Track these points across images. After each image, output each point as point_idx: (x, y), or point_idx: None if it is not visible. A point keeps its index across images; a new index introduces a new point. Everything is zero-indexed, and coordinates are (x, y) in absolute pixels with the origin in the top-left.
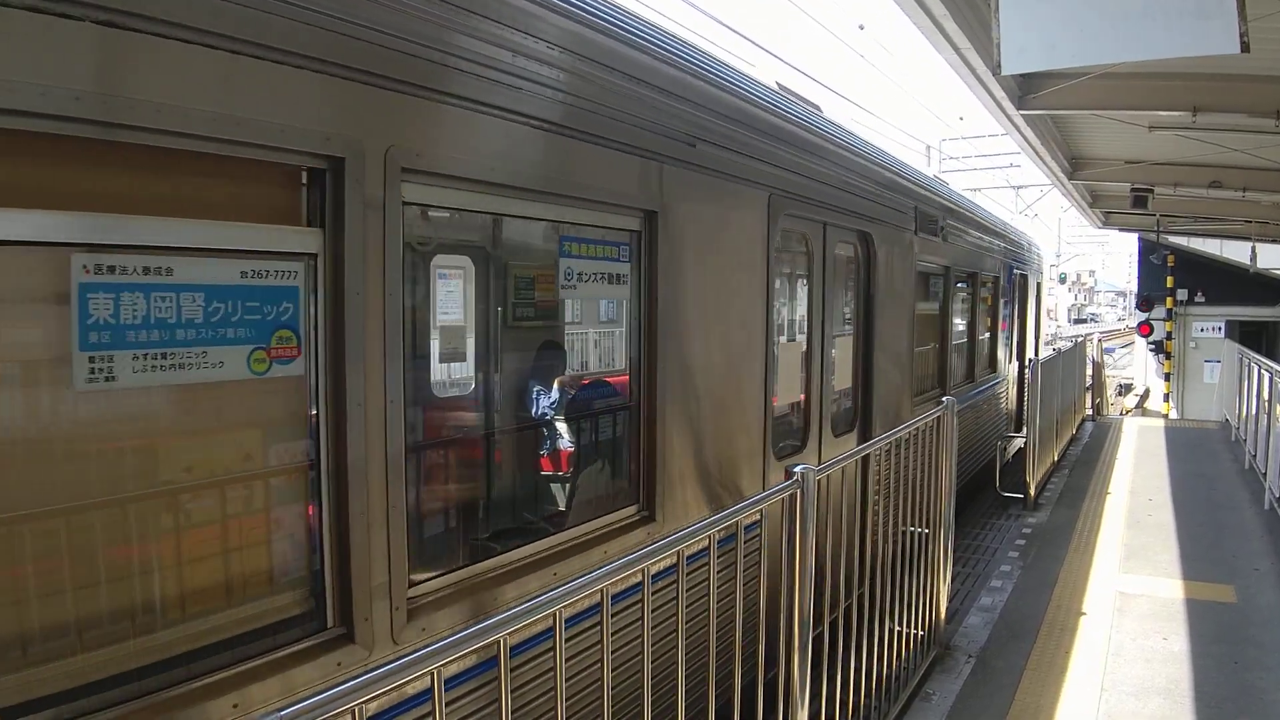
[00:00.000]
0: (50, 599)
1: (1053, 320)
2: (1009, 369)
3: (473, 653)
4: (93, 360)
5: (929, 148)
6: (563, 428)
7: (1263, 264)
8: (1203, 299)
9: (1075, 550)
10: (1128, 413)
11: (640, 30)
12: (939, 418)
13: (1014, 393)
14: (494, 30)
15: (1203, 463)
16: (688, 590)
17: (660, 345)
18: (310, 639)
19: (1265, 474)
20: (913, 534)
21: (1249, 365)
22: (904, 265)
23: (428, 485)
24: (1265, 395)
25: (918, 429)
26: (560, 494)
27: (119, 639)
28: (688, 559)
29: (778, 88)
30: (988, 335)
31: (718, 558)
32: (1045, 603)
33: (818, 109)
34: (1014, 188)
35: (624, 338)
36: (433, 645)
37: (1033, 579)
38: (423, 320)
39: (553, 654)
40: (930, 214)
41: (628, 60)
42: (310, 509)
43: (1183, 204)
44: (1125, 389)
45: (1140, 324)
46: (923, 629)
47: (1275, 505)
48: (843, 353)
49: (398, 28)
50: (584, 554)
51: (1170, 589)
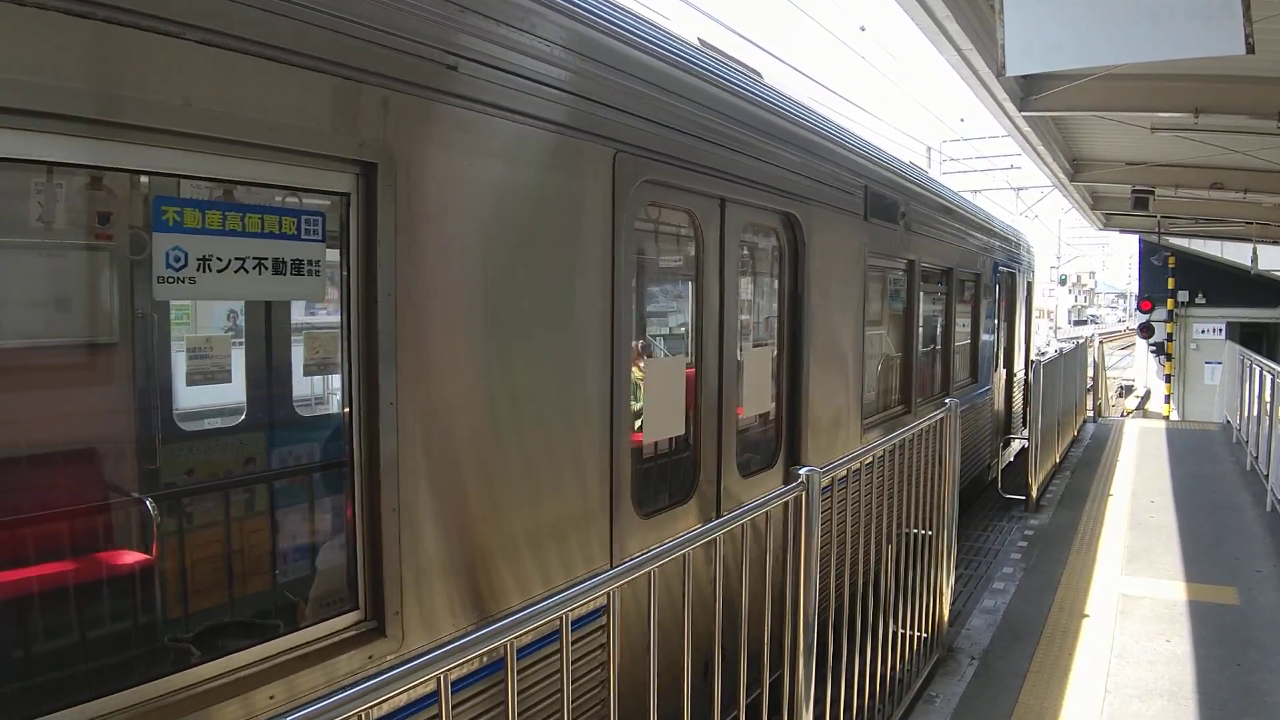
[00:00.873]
0: None
1: (1050, 322)
2: (996, 378)
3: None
4: None
5: (930, 149)
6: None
7: (1264, 265)
8: (1203, 300)
9: (1077, 552)
10: (1129, 414)
11: None
12: (942, 419)
13: (1002, 402)
14: None
15: (1204, 464)
16: (692, 591)
17: (397, 370)
18: None
19: (1267, 475)
20: (915, 536)
21: (1250, 367)
22: (850, 258)
23: None
24: (1266, 397)
25: (920, 431)
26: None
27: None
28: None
29: (699, 44)
30: (968, 341)
31: (720, 558)
32: (1048, 605)
33: (757, 74)
34: (1014, 189)
35: (308, 354)
36: (439, 650)
37: (1035, 581)
38: None
39: (558, 657)
40: (887, 198)
41: None
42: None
43: (1184, 205)
44: (1126, 390)
45: (1140, 325)
46: (925, 631)
47: (1277, 507)
48: (756, 369)
49: None
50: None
51: (1173, 591)
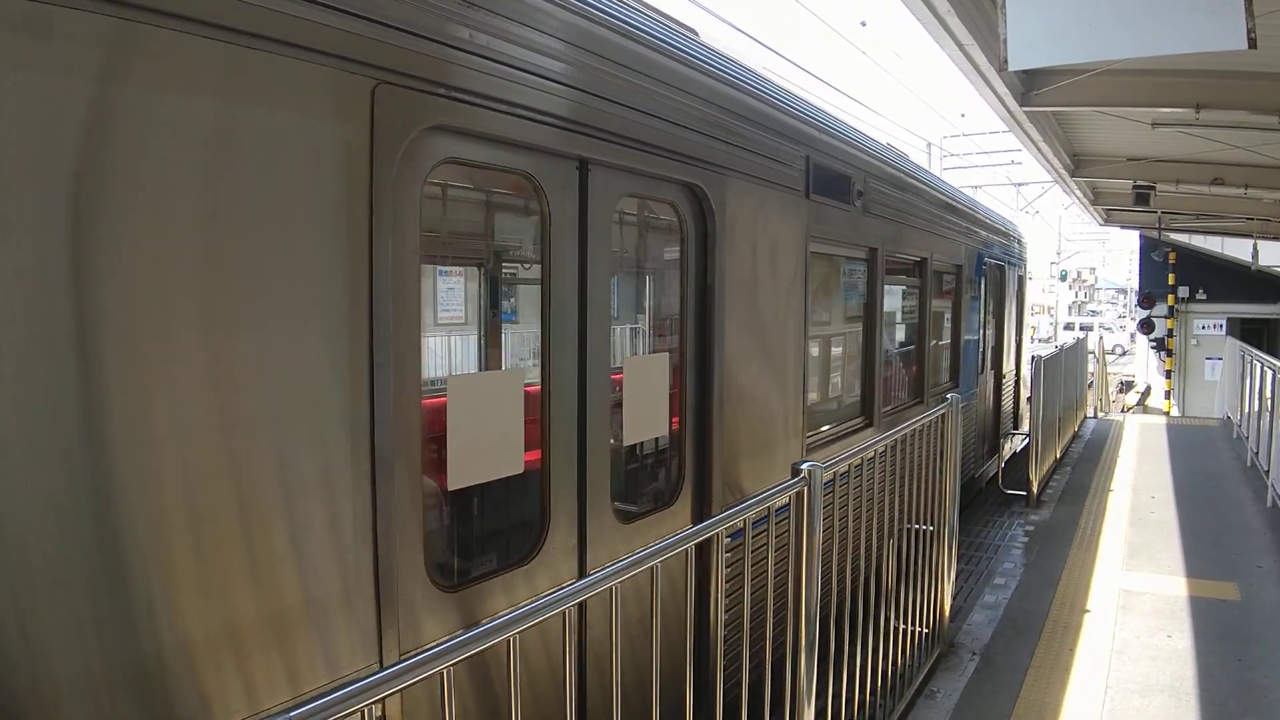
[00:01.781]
0: None
1: (1050, 318)
2: (982, 381)
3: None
4: None
5: (930, 145)
6: None
7: (1264, 261)
8: (1204, 296)
9: (1078, 548)
10: (1129, 410)
11: None
12: (943, 415)
13: (990, 407)
14: None
15: (1204, 460)
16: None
17: None
18: None
19: (1268, 471)
20: (916, 531)
21: (1250, 362)
22: (785, 243)
23: None
24: (1267, 393)
25: (920, 426)
26: None
27: None
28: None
29: None
30: (948, 342)
31: (726, 553)
32: (1049, 600)
33: (693, 33)
34: (1015, 185)
35: None
36: (439, 646)
37: (1036, 576)
38: None
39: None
40: (837, 172)
41: None
42: None
43: (1184, 201)
44: (1126, 386)
45: (1140, 321)
46: (927, 626)
47: (1277, 502)
48: (644, 381)
49: None
50: None
51: (1174, 587)
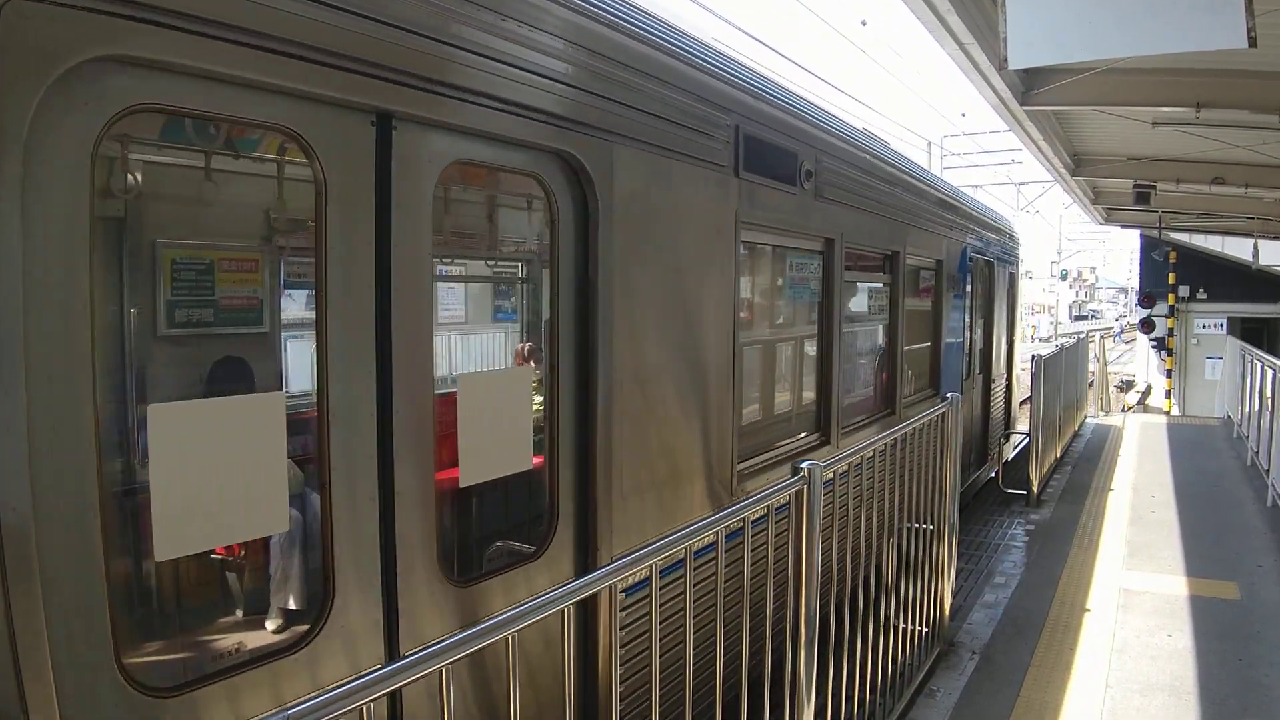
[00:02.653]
0: None
1: (1051, 317)
2: (967, 387)
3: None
4: None
5: (930, 144)
6: None
7: (1264, 261)
8: (1204, 296)
9: (1079, 547)
10: (1129, 409)
11: None
12: (943, 414)
13: (978, 415)
14: None
15: (1205, 459)
16: (694, 585)
17: None
18: None
19: (1268, 470)
20: (916, 530)
21: (1251, 361)
22: (703, 230)
23: None
24: (1267, 392)
25: (920, 426)
26: None
27: None
28: (694, 554)
29: None
30: (927, 345)
31: (725, 552)
32: (1049, 599)
33: None
34: (1015, 184)
35: None
36: (440, 644)
37: (1036, 576)
38: None
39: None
40: (777, 147)
41: None
42: None
43: (1185, 200)
44: (1127, 385)
45: (1141, 320)
46: (927, 625)
47: (1278, 501)
48: (489, 403)
49: None
50: None
51: (1174, 585)
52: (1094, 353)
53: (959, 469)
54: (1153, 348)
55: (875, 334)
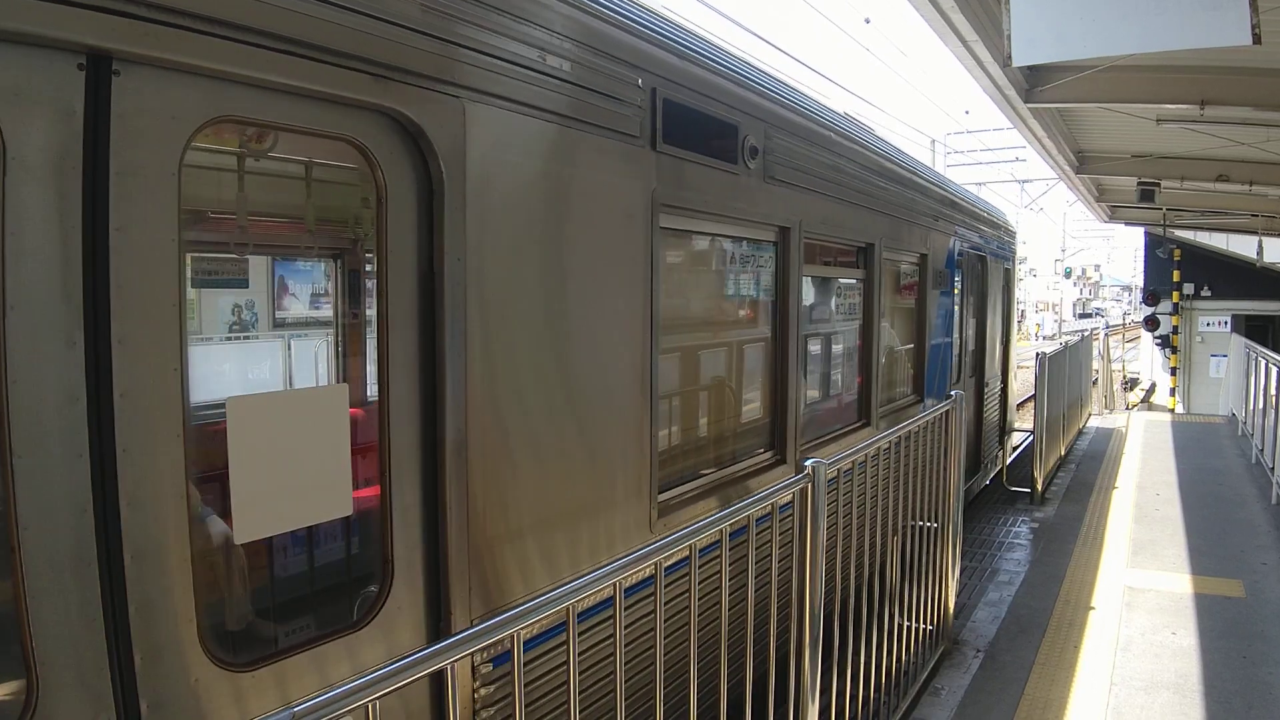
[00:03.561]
0: None
1: (1055, 315)
2: (959, 393)
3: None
4: None
5: (934, 141)
6: None
7: (1269, 258)
8: (1209, 293)
9: (1083, 545)
10: (1133, 407)
11: None
12: (946, 412)
13: (971, 419)
14: None
15: (1209, 457)
16: (698, 584)
17: None
18: None
19: (1273, 468)
20: (920, 528)
21: (1255, 359)
22: (603, 214)
23: None
24: (1272, 390)
25: (924, 424)
26: None
27: None
28: (700, 552)
29: None
30: (908, 347)
31: (729, 550)
32: (1053, 597)
33: None
34: (1019, 182)
35: None
36: (445, 641)
37: (1040, 574)
38: None
39: (565, 649)
40: (713, 118)
41: None
42: None
43: (1189, 198)
44: (1132, 383)
45: (1145, 318)
46: (931, 624)
47: None
48: (282, 432)
49: None
50: None
51: (1178, 584)
52: (1098, 350)
53: (962, 465)
54: (1157, 345)
55: (846, 336)
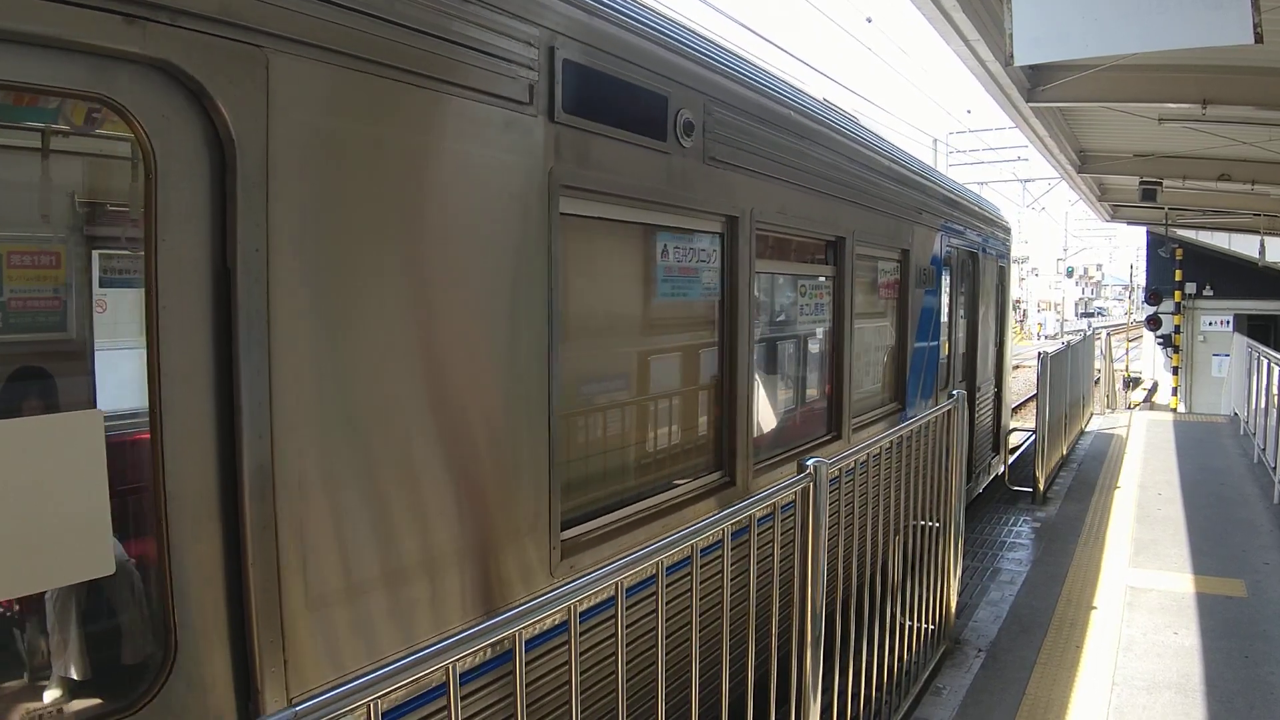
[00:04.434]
0: None
1: (1057, 315)
2: (960, 393)
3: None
4: None
5: (936, 141)
6: None
7: (1271, 257)
8: (1211, 293)
9: (1084, 544)
10: (1135, 407)
11: None
12: (948, 411)
13: (964, 418)
14: None
15: (1211, 457)
16: (700, 583)
17: None
18: None
19: (1275, 468)
20: (921, 528)
21: (1258, 359)
22: (482, 196)
23: None
24: (1274, 389)
25: (926, 423)
26: None
27: None
28: (700, 553)
29: None
30: (888, 351)
31: (731, 549)
32: (1055, 597)
33: None
34: (1021, 181)
35: None
36: (448, 640)
37: (1042, 573)
38: None
39: (566, 648)
40: (633, 85)
41: None
42: None
43: (1191, 197)
44: (1134, 383)
45: (1147, 317)
46: (932, 623)
47: None
48: None
49: None
50: None
51: (1180, 583)
52: (1100, 350)
53: (964, 464)
54: (1159, 345)
55: (812, 340)
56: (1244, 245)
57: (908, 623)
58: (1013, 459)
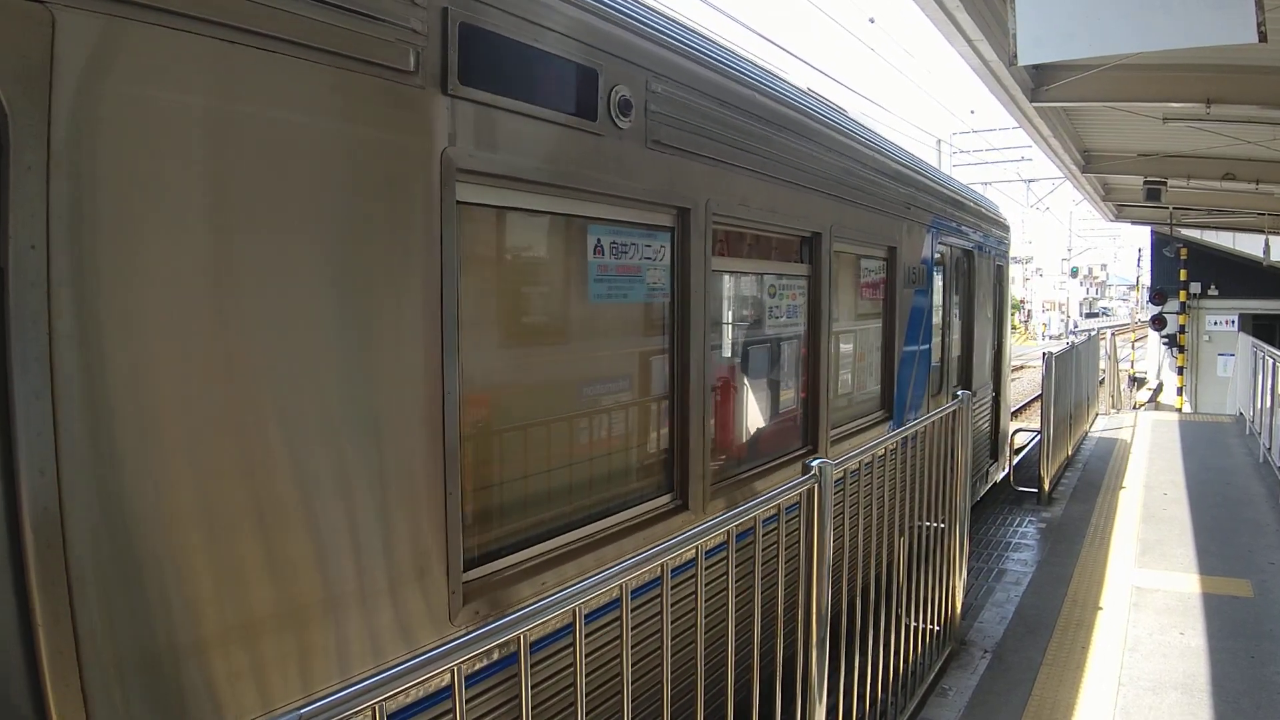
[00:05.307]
0: None
1: (1062, 315)
2: (939, 406)
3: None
4: None
5: (940, 141)
6: None
7: (1276, 257)
8: (1216, 292)
9: (1090, 545)
10: (1140, 407)
11: None
12: (953, 412)
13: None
14: None
15: (1217, 457)
16: (705, 585)
17: None
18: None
19: None
20: (927, 529)
21: (1263, 358)
22: (348, 181)
23: None
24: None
25: (931, 424)
26: None
27: None
28: (705, 554)
29: None
30: (873, 355)
31: (735, 551)
32: (1061, 597)
33: None
34: (1025, 181)
35: None
36: (451, 643)
37: (1048, 574)
38: None
39: (572, 649)
40: (553, 57)
41: None
42: None
43: (1196, 197)
44: (1139, 382)
45: (1152, 317)
46: (938, 624)
47: None
48: None
49: None
50: None
51: (1186, 583)
52: (1105, 350)
53: (969, 465)
54: (1164, 345)
55: (784, 344)
56: (1249, 245)
57: (913, 624)
58: (1018, 460)
